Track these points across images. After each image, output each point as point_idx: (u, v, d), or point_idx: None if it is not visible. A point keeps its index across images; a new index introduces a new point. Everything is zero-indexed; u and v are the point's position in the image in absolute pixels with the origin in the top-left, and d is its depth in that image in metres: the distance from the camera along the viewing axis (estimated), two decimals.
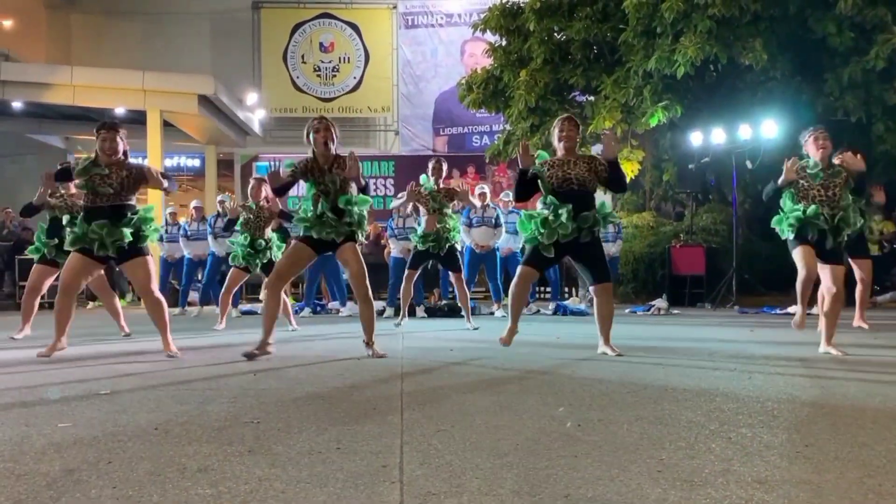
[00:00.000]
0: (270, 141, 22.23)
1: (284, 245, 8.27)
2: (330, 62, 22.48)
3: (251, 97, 20.41)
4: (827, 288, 5.63)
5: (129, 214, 5.49)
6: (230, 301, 9.05)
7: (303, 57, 22.40)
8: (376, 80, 22.40)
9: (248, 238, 8.17)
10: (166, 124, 16.37)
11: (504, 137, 15.88)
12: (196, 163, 22.18)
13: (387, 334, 7.45)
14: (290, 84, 22.35)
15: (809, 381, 4.25)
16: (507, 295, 6.34)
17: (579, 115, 14.88)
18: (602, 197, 6.48)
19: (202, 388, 4.06)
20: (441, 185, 8.28)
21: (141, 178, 5.54)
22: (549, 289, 12.90)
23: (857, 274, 7.86)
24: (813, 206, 5.53)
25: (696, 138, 13.33)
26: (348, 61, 22.51)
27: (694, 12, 12.13)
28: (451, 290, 12.29)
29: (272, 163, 20.29)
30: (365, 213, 5.66)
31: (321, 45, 22.49)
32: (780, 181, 5.67)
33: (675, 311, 11.46)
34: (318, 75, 22.43)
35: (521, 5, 15.13)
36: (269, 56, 22.36)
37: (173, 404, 3.52)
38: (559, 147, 5.69)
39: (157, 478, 2.29)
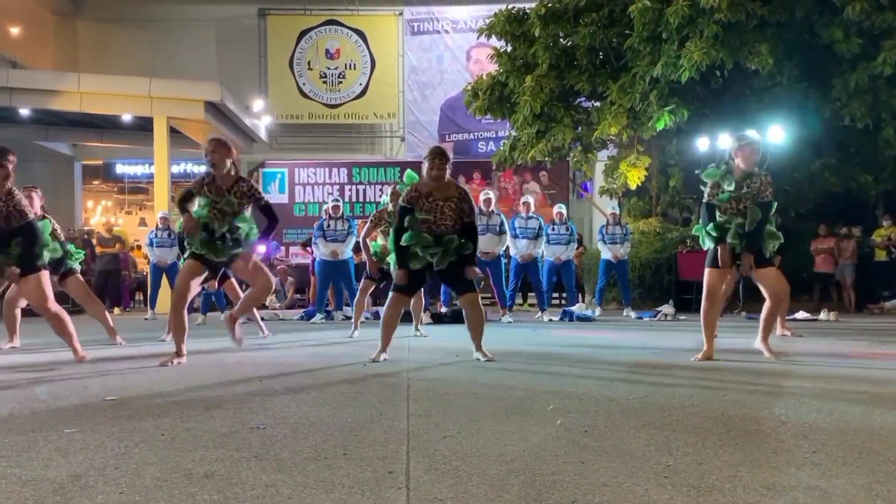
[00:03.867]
0: (277, 147, 22.28)
1: None
2: (336, 69, 22.52)
3: (257, 104, 20.46)
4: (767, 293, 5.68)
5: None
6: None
7: (309, 63, 22.45)
8: (382, 87, 22.43)
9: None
10: (173, 131, 16.41)
11: (510, 143, 15.88)
12: (203, 169, 22.22)
13: (394, 342, 7.45)
14: (296, 90, 22.40)
15: (817, 388, 4.23)
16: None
17: (585, 121, 14.91)
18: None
19: (208, 393, 4.06)
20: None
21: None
22: (565, 295, 12.87)
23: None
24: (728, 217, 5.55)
25: (702, 144, 13.31)
26: (354, 68, 22.55)
27: (700, 17, 12.13)
28: (451, 297, 12.30)
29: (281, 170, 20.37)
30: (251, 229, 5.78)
31: (327, 51, 22.53)
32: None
33: (682, 317, 11.43)
34: (325, 82, 22.47)
35: (527, 11, 15.14)
36: (276, 63, 22.41)
37: (179, 410, 3.52)
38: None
39: (163, 483, 2.29)
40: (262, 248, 7.99)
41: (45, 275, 5.74)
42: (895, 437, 2.89)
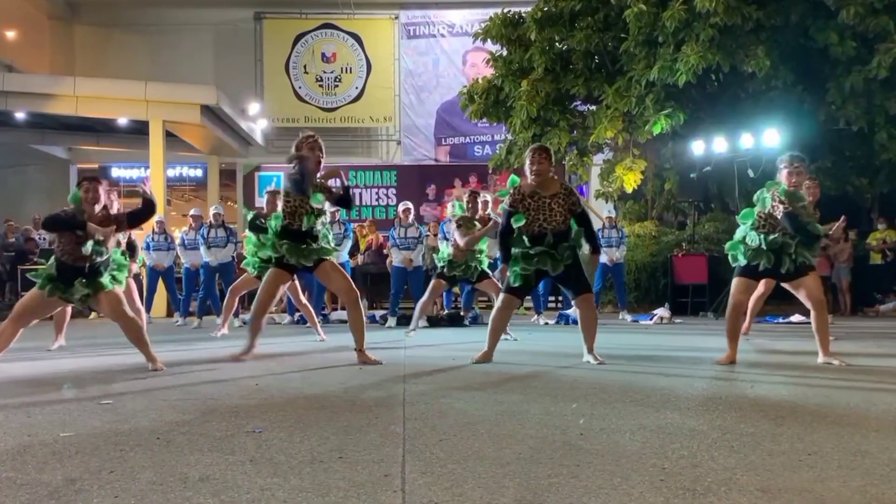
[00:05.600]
0: (273, 151, 22.24)
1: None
2: (332, 72, 22.53)
3: (253, 107, 20.45)
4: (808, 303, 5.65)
5: None
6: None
7: (305, 67, 22.45)
8: (378, 90, 22.43)
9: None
10: (169, 134, 16.38)
11: (506, 147, 15.90)
12: (198, 173, 22.20)
13: (390, 345, 7.46)
14: (292, 94, 22.39)
15: (812, 390, 4.24)
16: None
17: (581, 125, 14.92)
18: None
19: (204, 397, 4.05)
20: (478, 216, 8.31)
21: None
22: (561, 298, 12.87)
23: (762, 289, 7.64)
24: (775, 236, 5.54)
25: (697, 147, 13.33)
26: (350, 71, 22.55)
27: (696, 21, 12.16)
28: (453, 299, 12.32)
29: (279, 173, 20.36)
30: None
31: (323, 55, 22.53)
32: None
33: (678, 321, 11.44)
34: (321, 85, 22.47)
35: (523, 15, 15.16)
36: (272, 66, 22.41)
37: (175, 414, 3.52)
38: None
39: (158, 487, 2.29)
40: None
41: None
42: (890, 440, 2.90)
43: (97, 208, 5.38)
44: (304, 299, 8.77)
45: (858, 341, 7.72)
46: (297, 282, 8.45)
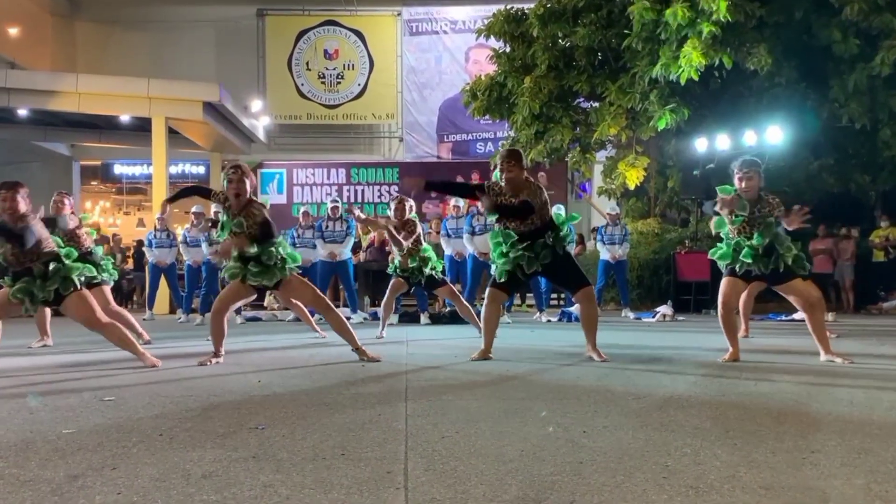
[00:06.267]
0: (275, 148, 22.28)
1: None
2: (334, 69, 22.53)
3: (256, 104, 20.45)
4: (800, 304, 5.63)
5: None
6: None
7: (307, 64, 22.45)
8: (381, 87, 22.43)
9: None
10: (171, 131, 16.40)
11: (509, 144, 15.89)
12: (201, 170, 22.23)
13: (393, 342, 7.46)
14: (294, 91, 22.40)
15: (815, 388, 4.23)
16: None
17: (584, 122, 14.91)
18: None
19: (207, 394, 4.05)
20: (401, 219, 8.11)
21: None
22: (563, 296, 12.87)
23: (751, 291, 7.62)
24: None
25: (700, 144, 13.32)
26: (353, 68, 22.55)
27: (699, 18, 12.14)
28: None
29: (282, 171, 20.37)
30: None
31: (326, 52, 22.54)
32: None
33: (681, 318, 11.43)
34: (323, 82, 22.47)
35: (526, 11, 15.15)
36: (274, 63, 22.42)
37: (178, 410, 3.52)
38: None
39: (161, 484, 2.29)
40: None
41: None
42: (893, 438, 2.89)
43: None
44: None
45: (861, 339, 7.71)
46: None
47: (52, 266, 5.20)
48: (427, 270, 7.90)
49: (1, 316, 5.51)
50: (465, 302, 8.18)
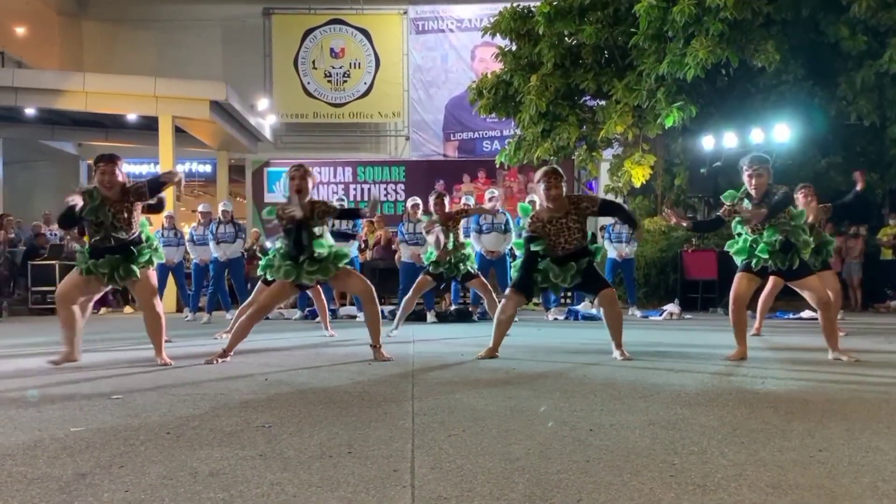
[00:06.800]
0: (282, 147, 22.29)
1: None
2: (341, 68, 22.53)
3: (262, 103, 20.48)
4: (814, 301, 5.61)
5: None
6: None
7: (314, 62, 22.45)
8: (387, 86, 22.43)
9: None
10: (178, 130, 16.43)
11: (515, 142, 15.88)
12: (208, 168, 22.26)
13: (400, 341, 7.47)
14: (301, 90, 22.41)
15: (822, 386, 4.22)
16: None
17: (590, 120, 14.88)
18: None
19: (214, 392, 4.06)
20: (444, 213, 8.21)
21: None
22: (570, 294, 12.85)
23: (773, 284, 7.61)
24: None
25: (707, 142, 13.29)
26: (359, 67, 22.55)
27: (705, 16, 12.11)
28: (461, 295, 12.30)
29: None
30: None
31: (332, 50, 22.54)
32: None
33: (688, 316, 11.41)
34: (329, 81, 22.48)
35: (532, 9, 15.13)
36: (280, 62, 22.43)
37: (185, 409, 3.53)
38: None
39: (168, 481, 2.29)
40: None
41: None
42: None
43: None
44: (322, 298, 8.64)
45: (869, 337, 7.69)
46: None
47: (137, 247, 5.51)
48: (466, 266, 8.06)
49: (84, 293, 5.58)
50: (494, 297, 8.22)
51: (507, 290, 5.90)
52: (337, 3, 22.27)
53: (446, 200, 8.39)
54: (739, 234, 5.73)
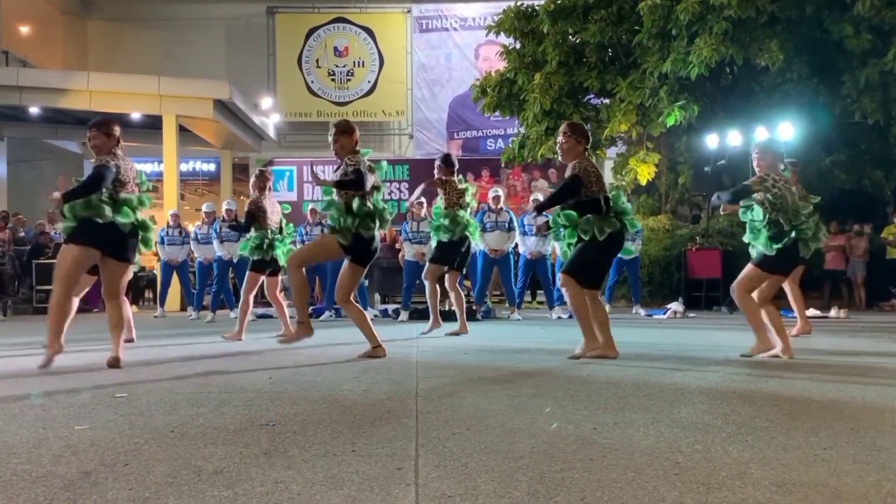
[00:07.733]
0: (285, 145, 22.33)
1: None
2: (344, 66, 22.55)
3: (266, 101, 20.50)
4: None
5: None
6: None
7: (317, 61, 22.48)
8: (390, 84, 22.44)
9: None
10: (182, 129, 16.45)
11: (519, 141, 15.87)
12: (211, 167, 22.29)
13: (403, 339, 7.47)
14: (304, 88, 22.43)
15: (827, 385, 4.21)
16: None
17: (594, 118, 14.87)
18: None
19: (218, 391, 4.07)
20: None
21: None
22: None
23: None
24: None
25: (711, 141, 13.27)
26: (363, 65, 22.57)
27: (709, 14, 12.10)
28: (466, 293, 12.30)
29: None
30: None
31: (335, 49, 22.56)
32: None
33: (692, 315, 11.40)
34: (333, 79, 22.50)
35: (536, 8, 15.12)
36: (284, 60, 22.46)
37: (189, 407, 3.53)
38: None
39: (173, 480, 2.30)
40: None
41: None
42: None
43: None
44: (278, 293, 8.48)
45: (873, 336, 7.67)
46: (279, 276, 8.35)
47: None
48: (469, 231, 7.98)
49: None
50: (461, 292, 8.20)
51: (587, 291, 5.62)
52: (341, 1, 22.31)
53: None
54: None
